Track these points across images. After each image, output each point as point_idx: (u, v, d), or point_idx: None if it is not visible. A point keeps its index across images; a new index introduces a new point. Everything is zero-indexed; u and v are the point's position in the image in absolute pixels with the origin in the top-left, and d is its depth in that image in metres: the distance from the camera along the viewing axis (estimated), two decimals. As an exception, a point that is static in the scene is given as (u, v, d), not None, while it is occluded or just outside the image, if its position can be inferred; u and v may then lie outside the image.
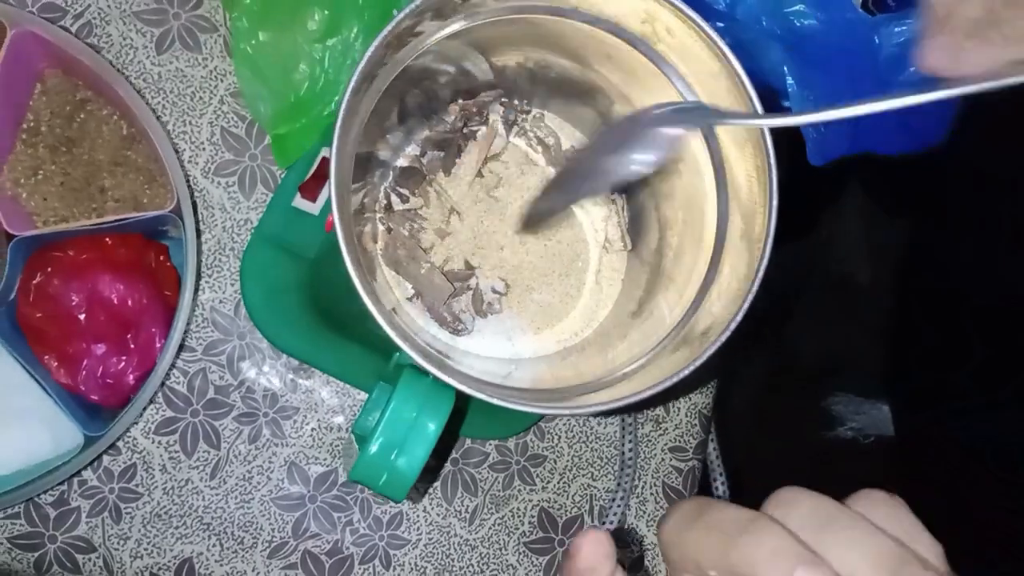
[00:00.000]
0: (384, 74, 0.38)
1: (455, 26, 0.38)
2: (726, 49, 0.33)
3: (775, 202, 0.34)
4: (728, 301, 0.35)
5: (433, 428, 0.39)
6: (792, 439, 1.20)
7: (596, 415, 0.59)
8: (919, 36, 0.33)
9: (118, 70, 0.56)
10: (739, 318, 0.34)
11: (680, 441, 0.63)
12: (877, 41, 0.41)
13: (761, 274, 0.34)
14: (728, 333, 0.34)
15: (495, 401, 0.32)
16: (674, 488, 0.63)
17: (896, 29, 0.41)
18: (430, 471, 0.60)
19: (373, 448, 0.38)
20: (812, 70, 0.42)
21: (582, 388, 0.37)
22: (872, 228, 1.12)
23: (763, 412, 1.14)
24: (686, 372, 0.34)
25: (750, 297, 0.33)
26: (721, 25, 0.42)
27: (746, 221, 0.36)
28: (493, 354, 0.44)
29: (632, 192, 0.46)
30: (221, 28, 0.59)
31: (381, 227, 0.44)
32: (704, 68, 0.35)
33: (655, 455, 0.62)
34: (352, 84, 0.34)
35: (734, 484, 0.63)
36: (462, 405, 0.45)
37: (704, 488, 0.64)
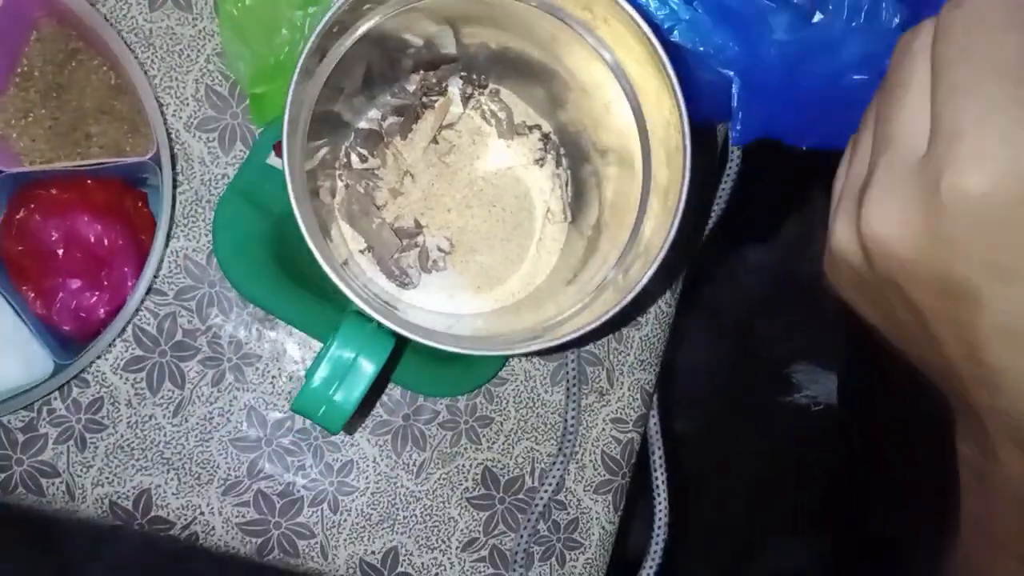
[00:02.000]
0: (345, 37, 0.41)
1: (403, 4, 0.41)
2: (651, 36, 0.36)
3: (686, 184, 0.37)
4: (643, 264, 0.39)
5: (371, 369, 0.43)
6: (748, 407, 1.24)
7: (526, 354, 0.62)
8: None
9: (111, 24, 0.59)
10: (649, 274, 0.37)
11: (622, 413, 0.66)
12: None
13: (669, 240, 0.37)
14: (641, 285, 0.37)
15: (431, 343, 0.36)
16: (612, 457, 0.66)
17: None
18: (366, 409, 0.63)
19: (315, 382, 0.41)
20: (748, 93, 0.45)
21: (515, 337, 0.41)
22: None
23: (723, 389, 1.18)
24: (599, 321, 0.38)
25: (660, 256, 0.37)
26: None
27: (660, 198, 0.40)
28: (435, 308, 0.47)
29: (576, 168, 0.49)
30: (213, -10, 0.62)
31: (340, 183, 0.48)
32: (634, 56, 0.39)
33: (596, 424, 0.66)
34: (310, 43, 0.37)
35: (671, 456, 0.67)
36: (400, 352, 0.49)
37: (642, 459, 0.68)
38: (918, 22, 0.49)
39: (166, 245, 0.61)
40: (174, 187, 0.60)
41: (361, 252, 0.48)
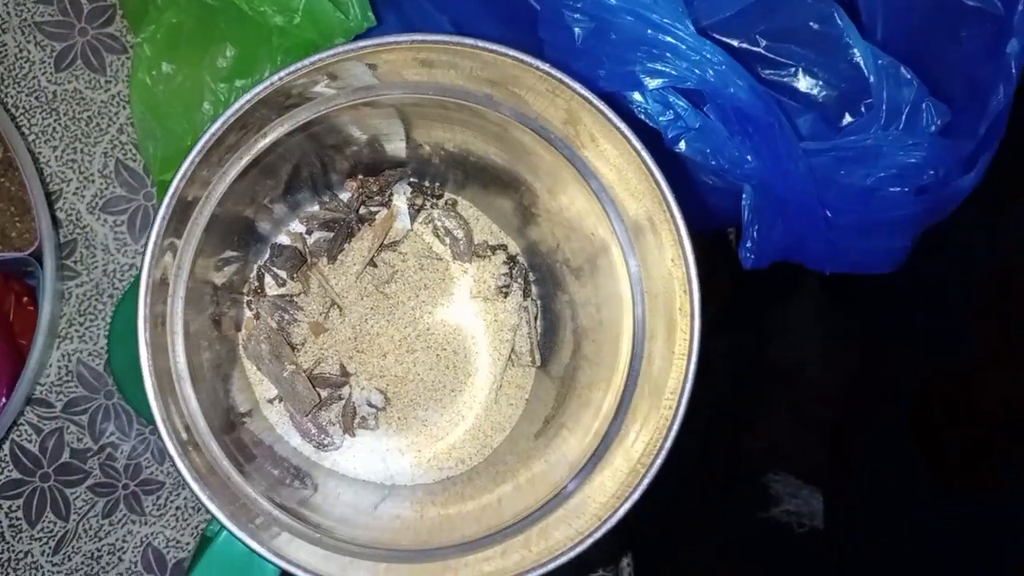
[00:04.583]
0: (280, 120, 0.32)
1: (309, 113, 0.32)
2: (650, 162, 0.27)
3: (696, 306, 0.28)
4: (659, 417, 0.29)
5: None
6: (719, 521, 1.13)
7: None
8: None
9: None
10: (672, 433, 0.28)
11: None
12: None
13: (688, 388, 0.28)
14: (657, 463, 0.28)
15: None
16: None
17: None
18: None
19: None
20: (766, 210, 0.37)
21: (462, 545, 0.31)
22: (828, 315, 1.07)
23: (689, 497, 1.07)
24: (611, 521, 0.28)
25: (681, 408, 0.28)
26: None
27: (668, 327, 0.30)
28: (364, 476, 0.38)
29: (548, 300, 0.40)
30: (131, 50, 0.53)
31: (248, 312, 0.38)
32: (628, 185, 0.30)
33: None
34: (233, 109, 0.28)
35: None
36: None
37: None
38: (957, 128, 0.41)
39: (55, 348, 0.51)
40: (58, 281, 0.50)
41: (270, 402, 0.38)
